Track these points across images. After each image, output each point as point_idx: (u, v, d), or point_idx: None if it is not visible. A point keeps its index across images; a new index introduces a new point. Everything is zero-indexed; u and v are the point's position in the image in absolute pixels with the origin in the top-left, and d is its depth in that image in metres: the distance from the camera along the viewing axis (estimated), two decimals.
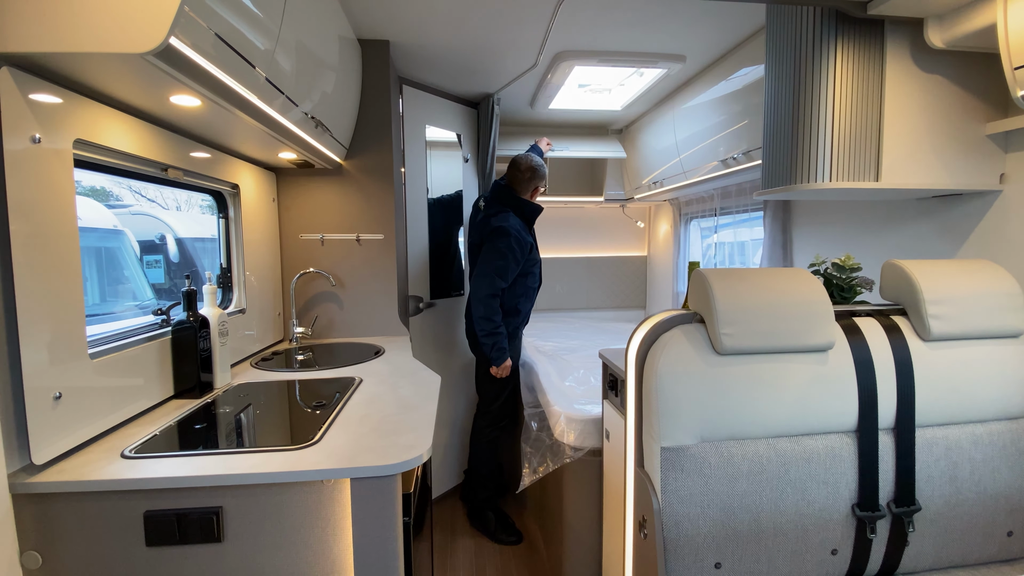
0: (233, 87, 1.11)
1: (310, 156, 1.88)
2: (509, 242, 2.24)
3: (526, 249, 2.31)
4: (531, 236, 2.40)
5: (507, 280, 2.27)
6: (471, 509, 2.55)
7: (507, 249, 2.24)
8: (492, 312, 2.24)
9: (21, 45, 0.85)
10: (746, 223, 2.74)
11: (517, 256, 2.27)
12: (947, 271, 1.19)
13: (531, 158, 2.40)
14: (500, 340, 2.25)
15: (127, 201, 1.91)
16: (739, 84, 2.06)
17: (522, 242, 2.29)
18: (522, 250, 2.29)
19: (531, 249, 2.36)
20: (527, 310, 2.46)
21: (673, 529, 1.04)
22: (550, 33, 1.99)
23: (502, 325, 2.27)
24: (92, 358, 1.10)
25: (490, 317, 2.24)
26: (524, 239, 2.30)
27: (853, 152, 1.33)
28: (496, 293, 2.25)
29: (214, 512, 0.97)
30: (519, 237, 2.27)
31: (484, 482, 2.50)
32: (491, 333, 2.25)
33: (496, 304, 2.25)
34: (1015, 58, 1.04)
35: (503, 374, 2.33)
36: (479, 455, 2.50)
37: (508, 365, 2.32)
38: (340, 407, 1.32)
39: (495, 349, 2.26)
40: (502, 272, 2.25)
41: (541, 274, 2.51)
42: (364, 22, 1.95)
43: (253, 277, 1.94)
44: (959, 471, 1.12)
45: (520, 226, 2.33)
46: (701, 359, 1.08)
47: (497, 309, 2.26)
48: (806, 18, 1.34)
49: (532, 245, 2.38)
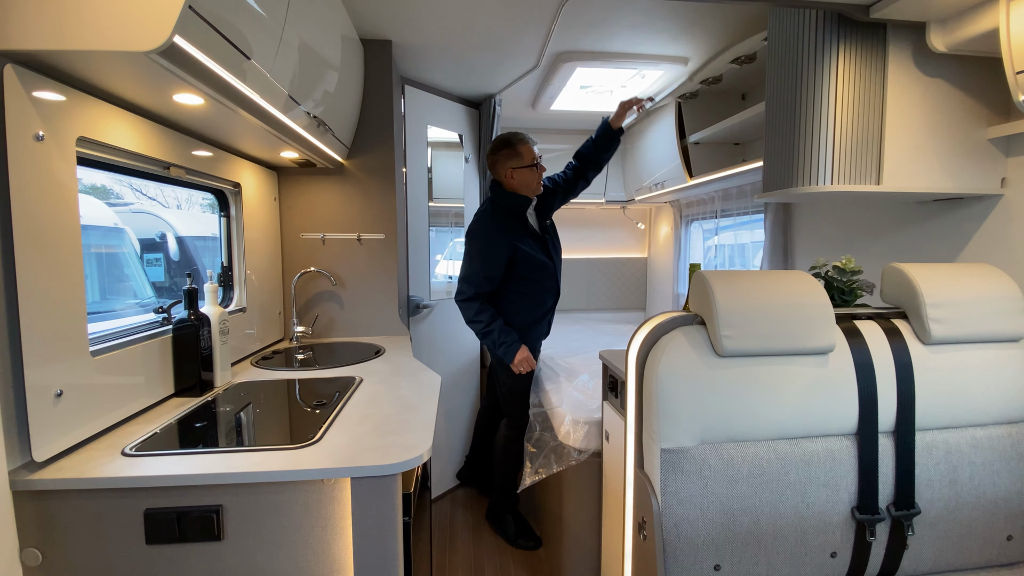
0: (236, 86, 1.11)
1: (312, 155, 1.89)
2: (473, 244, 2.10)
3: (500, 250, 2.04)
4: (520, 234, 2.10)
5: (476, 284, 2.07)
6: (490, 510, 2.48)
7: (470, 252, 2.11)
8: (472, 315, 2.11)
9: (25, 43, 0.85)
10: (747, 225, 2.74)
11: (486, 258, 2.05)
12: (948, 275, 1.19)
13: (504, 133, 2.14)
14: (496, 336, 2.08)
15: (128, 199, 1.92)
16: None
17: (491, 242, 2.05)
18: (492, 251, 2.05)
19: (516, 249, 2.06)
20: (523, 324, 2.16)
21: (672, 531, 1.04)
22: (552, 34, 1.99)
23: (492, 322, 2.08)
24: (93, 356, 1.10)
25: (472, 319, 2.12)
26: (494, 239, 2.05)
27: (854, 155, 1.33)
28: (469, 298, 2.10)
29: (214, 511, 0.97)
30: (488, 236, 2.06)
31: (507, 491, 2.35)
32: (483, 334, 2.12)
33: (472, 308, 2.10)
34: (1017, 62, 1.04)
35: (522, 368, 2.10)
36: (504, 466, 2.30)
37: (524, 357, 2.09)
38: (340, 406, 1.32)
39: (499, 348, 2.10)
40: (467, 277, 2.10)
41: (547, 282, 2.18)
42: (367, 22, 1.95)
43: (254, 276, 1.94)
44: (959, 475, 1.12)
45: (498, 222, 2.08)
46: (702, 361, 1.08)
47: (478, 309, 2.09)
48: (808, 21, 1.34)
49: (516, 245, 2.06)
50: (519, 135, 2.12)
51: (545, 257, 2.18)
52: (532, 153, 2.09)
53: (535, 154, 2.10)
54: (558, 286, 2.26)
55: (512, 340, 2.09)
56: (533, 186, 2.11)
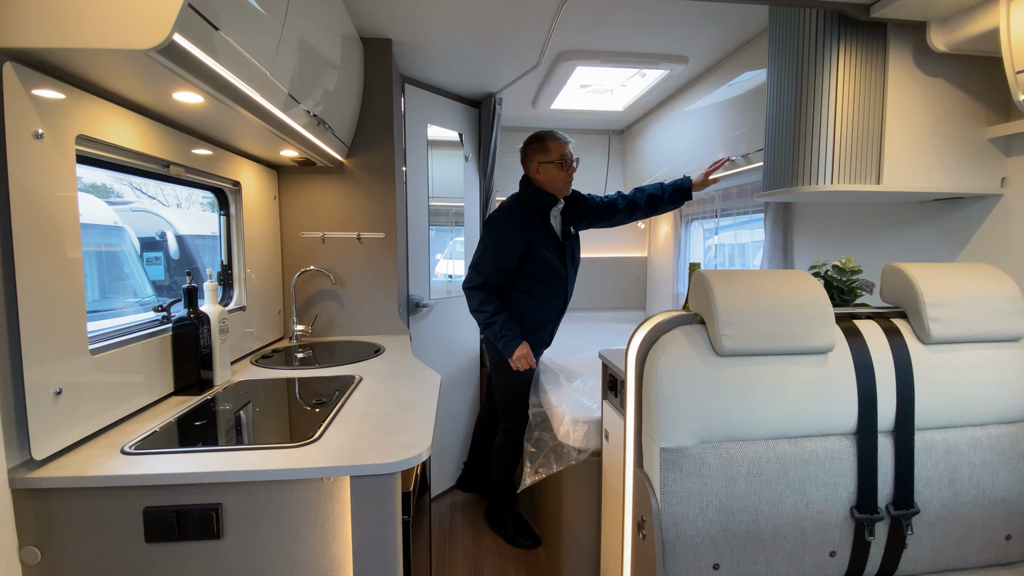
0: (236, 84, 1.11)
1: (312, 154, 1.88)
2: (487, 233, 2.09)
3: (515, 243, 2.02)
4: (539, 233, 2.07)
5: (486, 274, 2.05)
6: (489, 511, 2.48)
7: (484, 241, 2.09)
8: (476, 303, 2.09)
9: (24, 40, 0.85)
10: (747, 225, 2.74)
11: (499, 249, 2.03)
12: (947, 274, 1.19)
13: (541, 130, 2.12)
14: (498, 329, 2.05)
15: (127, 197, 1.92)
16: (741, 89, 2.06)
17: (507, 234, 2.02)
18: (506, 243, 2.02)
19: (531, 247, 2.03)
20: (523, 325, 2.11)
21: (672, 530, 1.04)
22: (553, 33, 1.99)
23: (496, 314, 2.06)
24: (93, 354, 1.10)
25: (476, 308, 2.09)
26: (510, 232, 2.02)
27: (855, 154, 1.33)
28: (476, 286, 2.07)
29: (213, 509, 0.97)
30: (504, 228, 2.03)
31: (505, 492, 2.35)
32: (485, 325, 2.09)
33: (479, 296, 2.08)
34: (1017, 62, 1.04)
35: (520, 365, 2.07)
36: (501, 468, 2.29)
37: (524, 354, 2.05)
38: (340, 405, 1.32)
39: (499, 341, 2.06)
40: (478, 265, 2.08)
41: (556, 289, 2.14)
42: (367, 20, 1.95)
43: (254, 274, 1.94)
44: (958, 474, 1.12)
45: (518, 216, 2.06)
46: (701, 360, 1.08)
47: (483, 299, 2.07)
48: (809, 20, 1.34)
49: (532, 242, 2.03)
50: (552, 132, 2.09)
51: (559, 263, 2.14)
52: (561, 150, 2.06)
53: (564, 152, 2.06)
54: (567, 296, 2.21)
55: (514, 335, 2.06)
56: (559, 184, 2.08)
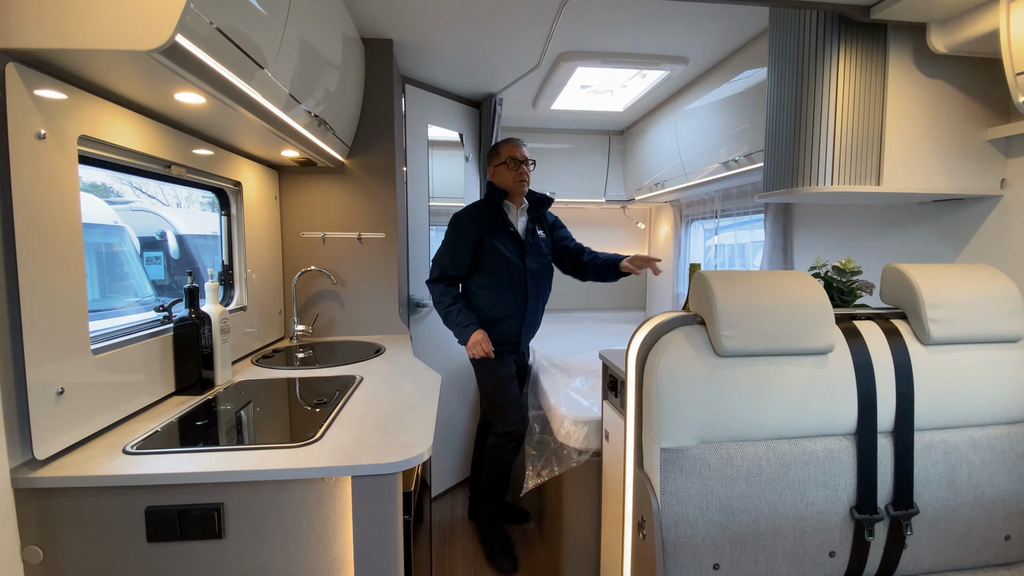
0: (238, 85, 1.11)
1: (313, 154, 1.89)
2: (447, 229, 2.18)
3: (468, 234, 2.10)
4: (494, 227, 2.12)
5: (443, 266, 2.14)
6: (471, 509, 2.52)
7: (444, 236, 2.18)
8: (436, 295, 2.17)
9: (27, 41, 0.85)
10: (747, 225, 2.75)
11: (454, 241, 2.12)
12: (947, 275, 1.19)
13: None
14: (455, 317, 2.11)
15: (128, 197, 1.92)
16: (741, 87, 2.06)
17: (461, 226, 2.12)
18: (460, 235, 2.11)
19: (482, 238, 2.10)
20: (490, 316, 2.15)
21: (672, 530, 1.05)
22: (553, 33, 1.99)
23: (453, 304, 2.13)
24: (94, 354, 1.10)
25: (436, 299, 2.17)
26: (463, 224, 2.12)
27: (855, 155, 1.33)
28: (435, 278, 2.16)
29: (215, 508, 0.98)
30: (459, 222, 2.14)
31: (487, 498, 2.29)
32: (444, 315, 2.16)
33: (438, 288, 2.16)
34: (1017, 63, 1.04)
35: (475, 352, 2.10)
36: (491, 470, 2.24)
37: (478, 340, 2.08)
38: (341, 405, 1.33)
39: (455, 328, 2.13)
40: (437, 258, 2.17)
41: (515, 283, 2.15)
42: (368, 21, 1.95)
43: (254, 274, 1.94)
44: (957, 475, 1.13)
45: (473, 211, 2.15)
46: (701, 361, 1.08)
47: (442, 291, 2.15)
48: (809, 22, 1.34)
49: (484, 234, 2.10)
50: (509, 138, 2.21)
51: (516, 257, 2.14)
52: (511, 152, 2.15)
53: (513, 153, 2.15)
54: (527, 291, 2.17)
55: (469, 322, 2.10)
56: (509, 183, 2.16)
